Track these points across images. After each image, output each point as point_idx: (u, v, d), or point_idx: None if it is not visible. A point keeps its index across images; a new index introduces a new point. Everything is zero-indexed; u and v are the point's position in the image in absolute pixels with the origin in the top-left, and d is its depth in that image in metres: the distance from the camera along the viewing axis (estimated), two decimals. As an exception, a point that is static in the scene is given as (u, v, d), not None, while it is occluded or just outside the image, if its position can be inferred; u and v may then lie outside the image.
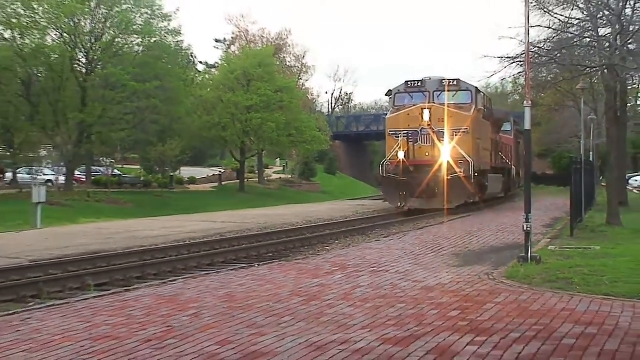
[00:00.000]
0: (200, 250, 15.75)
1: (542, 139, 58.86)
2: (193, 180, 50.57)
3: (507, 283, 9.41)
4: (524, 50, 14.19)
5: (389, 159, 26.30)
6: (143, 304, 8.08)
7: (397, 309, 7.53)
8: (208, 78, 53.35)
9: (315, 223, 23.44)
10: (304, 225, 22.50)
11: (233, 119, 45.26)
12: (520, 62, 20.27)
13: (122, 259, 14.08)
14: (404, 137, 25.86)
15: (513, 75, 23.94)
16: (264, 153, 55.29)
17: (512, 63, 20.86)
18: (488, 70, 40.85)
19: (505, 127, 36.67)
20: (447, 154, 25.22)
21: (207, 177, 54.27)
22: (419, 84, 27.08)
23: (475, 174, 25.92)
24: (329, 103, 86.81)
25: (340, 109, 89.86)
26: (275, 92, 46.29)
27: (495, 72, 21.86)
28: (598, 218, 21.30)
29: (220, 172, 53.93)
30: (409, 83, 27.44)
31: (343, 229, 20.96)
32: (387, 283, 9.45)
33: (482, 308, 7.53)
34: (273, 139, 46.58)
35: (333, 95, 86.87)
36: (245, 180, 49.69)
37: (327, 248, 15.86)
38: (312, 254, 14.18)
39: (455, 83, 26.77)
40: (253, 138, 47.75)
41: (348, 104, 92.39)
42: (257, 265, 12.18)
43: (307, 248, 16.77)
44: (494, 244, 14.90)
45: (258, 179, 55.09)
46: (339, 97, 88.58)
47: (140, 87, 36.22)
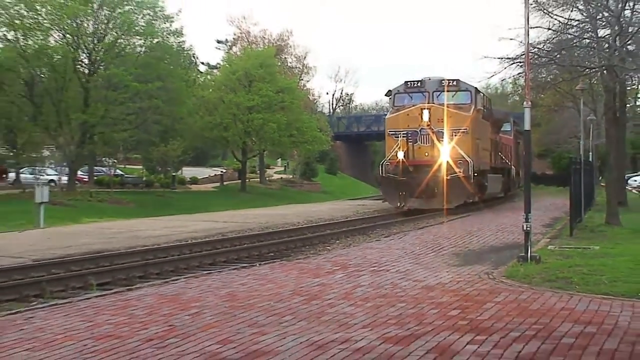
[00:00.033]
0: (202, 250, 15.79)
1: (541, 140, 58.92)
2: (195, 180, 50.67)
3: (506, 282, 9.44)
4: (524, 51, 14.24)
5: (389, 159, 26.31)
6: (145, 303, 8.12)
7: (397, 308, 7.56)
8: (210, 79, 53.41)
9: (317, 223, 23.48)
10: (305, 225, 22.53)
11: (235, 120, 45.32)
12: (520, 62, 20.31)
13: (124, 259, 14.12)
14: (404, 137, 25.88)
15: (513, 76, 24.04)
16: (266, 153, 55.35)
17: (511, 64, 20.94)
18: (488, 71, 41.04)
19: (505, 127, 36.67)
20: (446, 154, 25.22)
21: (208, 177, 54.37)
22: (419, 84, 27.10)
23: (475, 174, 25.92)
24: (330, 104, 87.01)
25: (341, 110, 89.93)
26: (277, 92, 46.36)
27: (495, 72, 21.97)
28: (597, 218, 21.32)
29: (222, 172, 54.03)
30: (409, 83, 27.46)
31: (344, 229, 21.00)
32: (387, 282, 9.49)
33: (482, 307, 7.56)
34: (274, 139, 46.64)
35: (334, 96, 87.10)
36: (247, 180, 49.79)
37: (328, 248, 15.90)
38: (313, 254, 14.22)
39: (455, 83, 26.79)
40: (254, 138, 47.84)
41: (349, 105, 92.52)
42: (258, 265, 12.22)
43: (308, 247, 16.80)
44: (494, 244, 14.92)
45: (259, 179, 55.18)
46: (340, 97, 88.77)
47: (143, 87, 36.28)
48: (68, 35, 36.08)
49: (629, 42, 19.48)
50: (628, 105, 35.73)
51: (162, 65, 39.48)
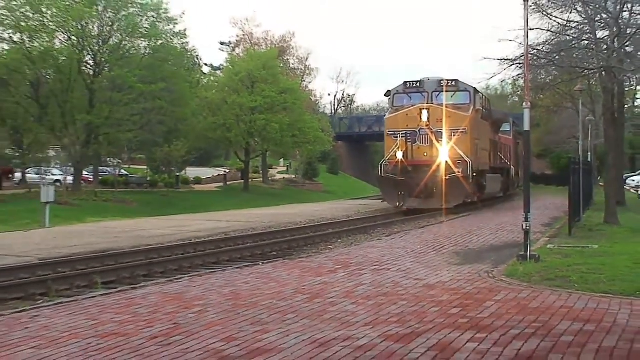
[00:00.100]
0: (206, 249, 15.89)
1: (541, 140, 58.99)
2: (198, 180, 50.74)
3: (506, 281, 9.50)
4: (523, 53, 14.25)
5: (388, 159, 26.34)
6: (149, 302, 8.18)
7: (398, 307, 7.63)
8: (213, 80, 53.42)
9: (319, 222, 23.56)
10: (308, 225, 22.61)
11: (238, 120, 45.39)
12: (520, 64, 20.29)
13: (129, 258, 14.23)
14: (403, 137, 25.92)
15: (512, 77, 23.97)
16: (268, 153, 55.37)
17: (511, 65, 20.89)
18: (488, 72, 40.98)
19: (505, 127, 36.69)
20: (445, 154, 25.23)
21: (212, 177, 54.43)
22: (418, 85, 27.13)
23: (474, 174, 25.95)
24: (332, 104, 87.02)
25: (343, 110, 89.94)
26: (279, 93, 46.40)
27: (495, 73, 21.89)
28: (596, 217, 21.38)
29: (225, 172, 54.11)
30: (408, 84, 27.48)
31: (345, 228, 21.09)
32: (389, 281, 9.55)
33: (482, 305, 7.62)
34: (277, 140, 46.69)
35: (336, 97, 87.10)
36: (250, 180, 49.86)
37: (330, 247, 16.00)
38: (315, 253, 14.31)
39: (454, 84, 26.81)
40: (257, 139, 47.92)
41: (350, 106, 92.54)
42: (261, 264, 12.30)
43: (310, 247, 16.91)
44: (494, 243, 14.98)
45: (262, 179, 55.22)
46: (342, 98, 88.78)
47: (147, 88, 36.34)
48: (73, 38, 36.17)
49: (627, 43, 19.47)
50: (626, 106, 35.79)
51: (166, 67, 39.59)
